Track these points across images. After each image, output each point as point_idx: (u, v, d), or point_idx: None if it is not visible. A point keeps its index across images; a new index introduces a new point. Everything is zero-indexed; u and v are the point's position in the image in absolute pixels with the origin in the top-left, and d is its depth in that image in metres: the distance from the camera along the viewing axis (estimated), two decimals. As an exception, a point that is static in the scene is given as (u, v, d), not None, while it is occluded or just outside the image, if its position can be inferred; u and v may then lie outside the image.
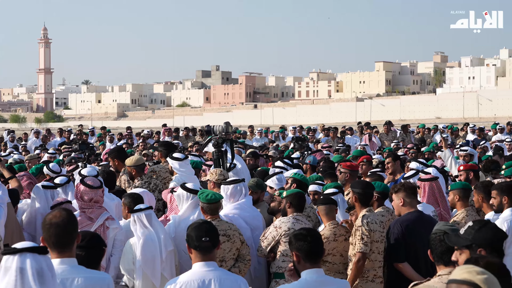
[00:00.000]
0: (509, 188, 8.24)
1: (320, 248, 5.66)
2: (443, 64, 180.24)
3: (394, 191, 8.13)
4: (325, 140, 24.17)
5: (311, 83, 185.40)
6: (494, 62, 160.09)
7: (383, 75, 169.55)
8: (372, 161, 13.75)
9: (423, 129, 26.72)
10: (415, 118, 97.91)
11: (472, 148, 18.06)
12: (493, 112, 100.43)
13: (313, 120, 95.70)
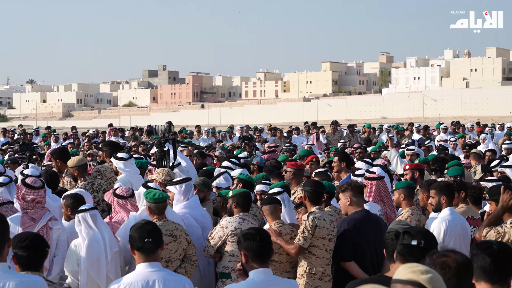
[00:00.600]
0: (447, 187, 8.32)
1: (269, 248, 5.62)
2: (389, 64, 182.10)
3: (341, 190, 8.16)
4: (272, 140, 24.21)
5: (258, 83, 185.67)
6: (439, 62, 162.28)
7: (330, 75, 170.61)
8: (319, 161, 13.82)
9: (369, 128, 26.96)
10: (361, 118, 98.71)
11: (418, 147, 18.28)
12: (437, 112, 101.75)
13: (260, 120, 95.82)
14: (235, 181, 9.99)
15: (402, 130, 27.64)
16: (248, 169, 12.47)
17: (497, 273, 4.25)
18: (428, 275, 3.42)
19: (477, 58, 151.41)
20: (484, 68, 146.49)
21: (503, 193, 6.99)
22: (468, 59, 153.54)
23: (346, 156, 12.22)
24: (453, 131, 27.38)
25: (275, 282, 5.60)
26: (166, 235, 7.55)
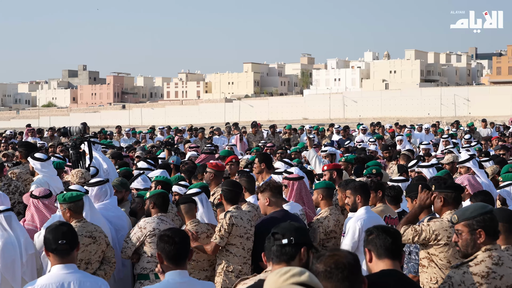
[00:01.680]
0: (362, 187, 8.44)
1: (185, 250, 5.55)
2: (310, 66, 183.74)
3: (260, 190, 8.19)
4: (193, 140, 24.14)
5: (180, 84, 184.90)
6: (359, 64, 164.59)
7: (252, 76, 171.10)
8: (239, 161, 13.85)
9: (290, 129, 27.14)
10: (283, 119, 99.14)
11: (337, 148, 18.47)
12: (358, 113, 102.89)
13: (182, 121, 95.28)
14: (153, 183, 9.92)
15: (323, 131, 27.92)
16: (169, 170, 12.41)
17: (396, 250, 4.89)
18: (306, 273, 3.30)
19: (396, 60, 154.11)
20: (403, 70, 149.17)
21: (421, 192, 7.12)
22: (388, 61, 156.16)
23: (266, 157, 12.27)
24: (372, 132, 27.78)
25: (191, 284, 5.55)
26: (85, 237, 7.47)
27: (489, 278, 5.12)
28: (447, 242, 6.70)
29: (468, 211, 5.39)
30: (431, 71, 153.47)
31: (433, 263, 6.76)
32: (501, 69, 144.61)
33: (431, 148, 19.06)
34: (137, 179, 10.54)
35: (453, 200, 6.94)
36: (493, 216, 5.30)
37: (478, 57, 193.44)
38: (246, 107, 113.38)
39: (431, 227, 6.78)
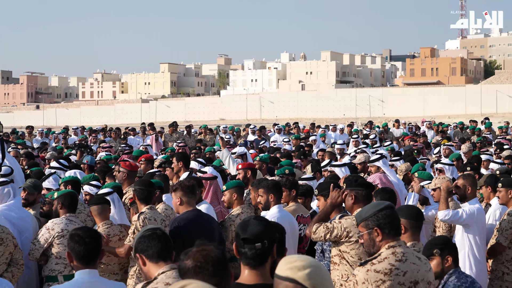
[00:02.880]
0: (275, 186, 8.46)
1: (96, 250, 5.47)
2: (227, 66, 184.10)
3: (173, 190, 8.11)
4: (108, 140, 23.84)
5: (96, 84, 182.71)
6: (276, 65, 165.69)
7: (168, 77, 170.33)
8: (153, 161, 13.78)
9: (205, 129, 27.08)
10: (200, 119, 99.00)
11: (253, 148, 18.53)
12: (274, 113, 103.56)
13: (98, 121, 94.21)
14: (62, 184, 9.73)
15: (239, 131, 27.98)
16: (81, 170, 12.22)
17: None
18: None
19: (312, 62, 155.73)
20: (319, 71, 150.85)
21: (332, 190, 7.17)
22: (304, 62, 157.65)
23: (184, 156, 12.25)
24: (288, 132, 27.97)
25: (101, 284, 5.47)
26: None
27: (392, 275, 5.16)
28: (358, 239, 6.75)
29: (363, 211, 5.45)
30: (346, 72, 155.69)
31: (344, 260, 6.82)
32: (414, 71, 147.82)
33: (345, 148, 19.30)
34: (49, 179, 10.35)
35: (364, 198, 7.00)
36: (388, 212, 5.32)
37: (392, 59, 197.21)
38: (162, 108, 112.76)
39: (342, 225, 6.84)
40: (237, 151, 15.36)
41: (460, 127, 28.79)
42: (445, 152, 16.94)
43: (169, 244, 5.18)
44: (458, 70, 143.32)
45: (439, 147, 18.06)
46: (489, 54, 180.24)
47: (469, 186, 8.70)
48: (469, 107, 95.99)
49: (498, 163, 13.77)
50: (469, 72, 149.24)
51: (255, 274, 4.51)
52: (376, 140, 21.60)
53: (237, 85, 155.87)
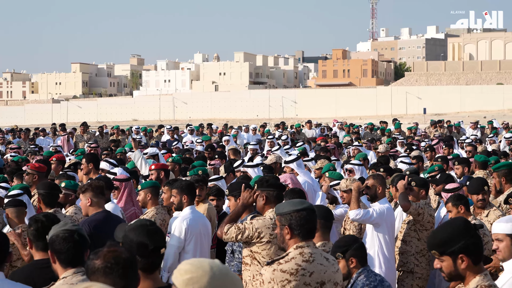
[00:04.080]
0: (189, 187, 8.46)
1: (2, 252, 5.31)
2: (140, 67, 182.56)
3: (82, 191, 7.99)
4: (16, 141, 23.34)
5: (5, 84, 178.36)
6: (189, 66, 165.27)
7: (80, 77, 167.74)
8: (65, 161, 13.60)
9: (118, 130, 26.83)
10: (112, 120, 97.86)
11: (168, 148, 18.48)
12: (188, 114, 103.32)
13: (7, 122, 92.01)
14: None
15: (151, 131, 27.83)
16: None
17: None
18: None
19: (226, 62, 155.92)
20: (232, 72, 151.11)
21: (244, 191, 7.17)
22: (217, 63, 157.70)
23: (94, 157, 12.11)
24: (201, 133, 27.94)
25: (7, 285, 5.33)
26: None
27: (298, 275, 5.18)
28: (269, 239, 6.79)
29: (282, 206, 5.45)
30: (259, 73, 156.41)
31: (255, 261, 6.83)
32: (326, 72, 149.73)
33: (257, 148, 19.40)
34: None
35: (275, 198, 7.02)
36: (304, 214, 5.31)
37: (305, 61, 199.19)
38: (74, 108, 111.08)
39: (254, 225, 6.85)
40: (148, 151, 15.25)
41: (370, 127, 29.29)
42: (353, 153, 17.19)
43: (83, 249, 5.06)
44: (369, 72, 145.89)
45: (351, 148, 18.31)
46: (399, 56, 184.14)
47: (379, 186, 8.87)
48: (380, 108, 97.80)
49: (407, 163, 14.05)
50: (380, 74, 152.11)
51: (151, 279, 4.54)
52: (288, 141, 21.79)
53: (150, 85, 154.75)
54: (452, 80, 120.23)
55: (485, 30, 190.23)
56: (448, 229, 4.43)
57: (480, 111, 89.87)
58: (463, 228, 4.40)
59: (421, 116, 76.92)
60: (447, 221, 4.79)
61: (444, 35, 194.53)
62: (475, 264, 4.39)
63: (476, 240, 4.40)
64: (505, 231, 5.63)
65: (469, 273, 4.39)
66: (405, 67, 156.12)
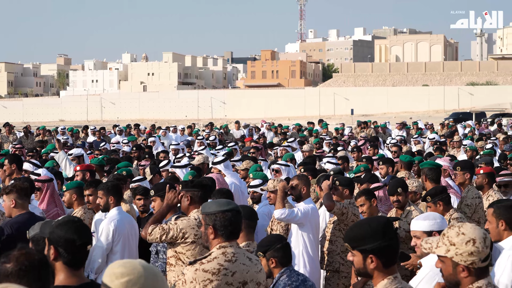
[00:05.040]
0: (115, 188, 8.42)
1: None
2: (67, 66, 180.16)
3: (5, 192, 7.86)
4: None
5: None
6: (117, 66, 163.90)
7: (5, 76, 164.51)
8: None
9: (44, 131, 26.45)
10: (39, 120, 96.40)
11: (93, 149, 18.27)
12: (116, 114, 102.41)
13: None
14: None
15: (77, 132, 27.53)
16: None
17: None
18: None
19: (154, 63, 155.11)
20: (161, 72, 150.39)
21: (168, 191, 7.16)
22: (146, 63, 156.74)
23: (16, 158, 11.90)
24: (128, 134, 27.73)
25: None
26: None
27: (220, 275, 5.19)
28: (194, 240, 6.79)
29: (208, 205, 5.44)
30: (188, 74, 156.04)
31: (180, 261, 6.82)
32: (255, 73, 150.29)
33: (180, 148, 19.40)
34: None
35: (199, 199, 7.03)
36: (229, 216, 5.31)
37: (234, 61, 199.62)
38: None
39: (178, 226, 6.84)
40: (73, 152, 15.07)
41: (297, 128, 29.51)
42: (281, 153, 17.30)
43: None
44: (297, 73, 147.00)
45: (279, 148, 18.41)
46: (327, 57, 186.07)
47: (303, 186, 8.95)
48: (308, 109, 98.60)
49: (333, 163, 14.21)
50: (308, 75, 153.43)
51: (77, 276, 4.51)
52: (216, 142, 21.80)
53: (77, 85, 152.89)
54: (379, 82, 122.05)
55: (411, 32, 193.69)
56: (366, 227, 4.42)
57: (407, 112, 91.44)
58: (381, 229, 4.37)
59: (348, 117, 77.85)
60: (370, 218, 4.81)
61: (371, 37, 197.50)
62: (386, 267, 4.35)
63: (391, 243, 4.35)
64: (422, 228, 5.79)
65: (377, 274, 4.36)
66: (333, 68, 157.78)
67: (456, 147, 20.49)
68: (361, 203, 8.65)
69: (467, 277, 4.23)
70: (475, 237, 4.23)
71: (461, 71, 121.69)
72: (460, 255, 4.20)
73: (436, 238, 4.40)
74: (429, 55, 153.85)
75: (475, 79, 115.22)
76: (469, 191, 10.03)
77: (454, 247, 4.22)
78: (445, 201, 7.95)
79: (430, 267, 5.54)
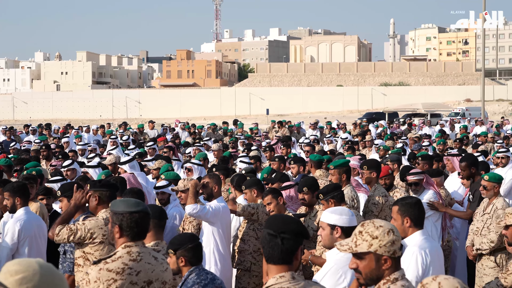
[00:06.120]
0: (21, 188, 8.31)
1: None
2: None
3: None
4: None
5: None
6: (29, 64, 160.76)
7: None
8: None
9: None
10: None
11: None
12: (28, 114, 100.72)
13: None
14: None
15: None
16: None
17: None
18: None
19: (68, 62, 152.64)
20: (75, 71, 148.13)
21: (76, 191, 7.08)
22: (59, 62, 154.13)
23: None
24: (40, 133, 27.30)
25: None
26: None
27: (125, 274, 5.14)
28: (102, 240, 6.75)
29: (117, 203, 5.37)
30: (103, 73, 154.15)
31: (88, 262, 6.76)
32: (170, 73, 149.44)
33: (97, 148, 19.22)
34: None
35: (108, 199, 6.98)
36: (136, 217, 5.26)
37: (149, 61, 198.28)
38: None
39: (86, 226, 6.77)
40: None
41: (212, 128, 29.54)
42: (194, 152, 17.32)
43: None
44: (213, 72, 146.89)
45: (192, 148, 18.41)
46: (242, 57, 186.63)
47: (214, 185, 9.01)
48: (224, 109, 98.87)
49: (246, 162, 14.27)
50: (224, 74, 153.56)
51: None
52: (129, 142, 21.63)
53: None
54: (295, 82, 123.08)
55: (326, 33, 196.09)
56: None
57: (321, 112, 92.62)
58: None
59: (264, 116, 78.36)
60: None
61: (287, 37, 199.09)
62: (270, 263, 4.34)
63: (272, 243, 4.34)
64: (327, 220, 5.88)
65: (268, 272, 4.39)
66: (249, 68, 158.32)
67: (368, 147, 20.84)
68: (268, 201, 8.71)
69: (389, 268, 4.35)
70: (391, 227, 4.38)
71: (375, 71, 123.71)
72: (384, 246, 4.32)
73: (349, 239, 4.48)
74: (343, 55, 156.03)
75: (388, 79, 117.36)
76: (375, 189, 10.19)
77: (377, 240, 4.32)
78: (337, 198, 7.97)
79: (335, 261, 5.63)
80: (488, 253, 8.90)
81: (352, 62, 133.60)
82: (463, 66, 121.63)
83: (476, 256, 9.12)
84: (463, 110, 61.22)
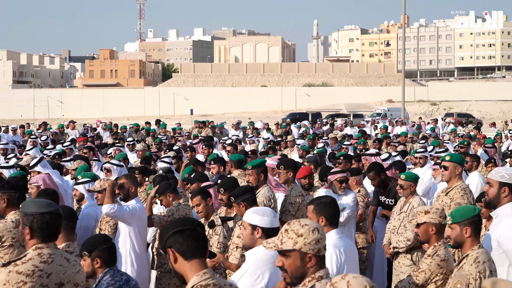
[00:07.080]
0: None
1: None
2: None
3: None
4: None
5: None
6: None
7: None
8: None
9: None
10: None
11: None
12: None
13: None
14: None
15: None
16: None
17: None
18: None
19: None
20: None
21: None
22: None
23: None
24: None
25: None
26: None
27: (35, 277, 5.03)
28: (12, 243, 6.64)
29: (28, 204, 5.24)
30: (24, 72, 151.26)
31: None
32: (93, 72, 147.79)
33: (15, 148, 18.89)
34: None
35: (17, 200, 6.85)
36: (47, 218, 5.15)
37: (72, 60, 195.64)
38: None
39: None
40: None
41: (135, 128, 29.31)
42: (115, 153, 17.15)
43: None
44: (137, 72, 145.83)
45: (112, 148, 18.23)
46: (166, 57, 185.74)
47: (131, 185, 8.96)
48: (148, 109, 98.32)
49: (167, 162, 14.19)
50: (148, 74, 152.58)
51: None
52: (48, 142, 21.29)
53: None
54: (219, 82, 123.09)
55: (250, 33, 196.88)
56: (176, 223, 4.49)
57: (246, 112, 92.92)
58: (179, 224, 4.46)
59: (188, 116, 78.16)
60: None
61: (211, 37, 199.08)
62: (187, 260, 4.37)
63: (189, 241, 4.38)
64: (249, 220, 5.79)
65: (186, 271, 4.40)
66: (173, 68, 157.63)
67: (289, 147, 20.95)
68: (196, 202, 8.58)
69: (314, 266, 4.40)
70: (316, 226, 4.43)
71: (298, 72, 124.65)
72: (309, 244, 4.37)
73: (275, 237, 4.52)
74: (267, 56, 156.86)
75: (312, 80, 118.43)
76: (292, 189, 10.24)
77: (302, 237, 4.37)
78: (248, 201, 7.81)
79: (253, 261, 5.61)
80: (404, 251, 9.02)
81: (276, 63, 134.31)
82: (385, 68, 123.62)
83: (393, 254, 9.24)
84: (385, 111, 62.09)
